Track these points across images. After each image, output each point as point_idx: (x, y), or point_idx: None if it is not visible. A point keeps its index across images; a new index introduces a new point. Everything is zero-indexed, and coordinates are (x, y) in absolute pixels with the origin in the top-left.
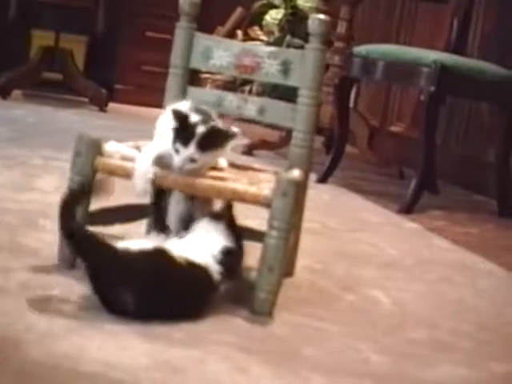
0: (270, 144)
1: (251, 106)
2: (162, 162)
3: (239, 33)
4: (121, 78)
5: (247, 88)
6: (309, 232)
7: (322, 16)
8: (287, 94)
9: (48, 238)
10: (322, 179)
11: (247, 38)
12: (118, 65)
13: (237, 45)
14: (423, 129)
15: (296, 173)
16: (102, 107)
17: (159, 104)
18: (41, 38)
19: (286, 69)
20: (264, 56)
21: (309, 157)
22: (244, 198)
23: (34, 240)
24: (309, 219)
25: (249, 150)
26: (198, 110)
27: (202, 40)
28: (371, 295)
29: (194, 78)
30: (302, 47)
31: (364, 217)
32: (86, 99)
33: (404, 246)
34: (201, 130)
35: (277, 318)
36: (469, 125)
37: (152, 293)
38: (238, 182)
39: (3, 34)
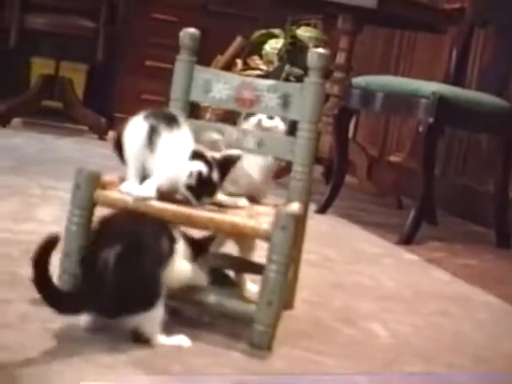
0: None
1: (250, 138)
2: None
3: (239, 62)
4: (120, 106)
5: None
6: (307, 263)
7: (321, 50)
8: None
9: None
10: (321, 210)
11: (247, 67)
12: (117, 93)
13: (236, 78)
14: (422, 160)
15: (295, 206)
16: (102, 136)
17: None
18: (41, 67)
19: (285, 102)
20: (263, 89)
21: (308, 189)
22: (243, 232)
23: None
24: (308, 250)
25: None
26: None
27: (202, 73)
28: (369, 328)
29: (194, 107)
30: (301, 77)
31: (363, 248)
32: (86, 127)
33: (402, 278)
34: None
35: (275, 352)
36: (467, 155)
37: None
38: (237, 215)
39: (3, 62)
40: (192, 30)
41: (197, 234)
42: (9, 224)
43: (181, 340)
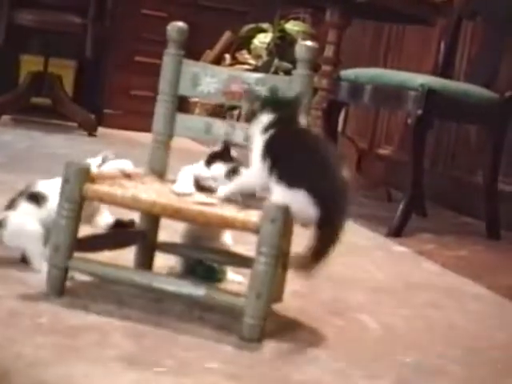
0: None
1: (239, 132)
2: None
3: (227, 57)
4: (109, 102)
5: (235, 112)
6: None
7: (309, 42)
8: None
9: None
10: None
11: (235, 61)
12: (106, 89)
13: (224, 71)
14: (411, 152)
15: None
16: (91, 132)
17: (148, 128)
18: (29, 64)
19: None
20: (252, 82)
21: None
22: (233, 225)
23: (21, 267)
24: (297, 243)
25: None
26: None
27: (190, 67)
28: (360, 320)
29: (183, 102)
30: (290, 71)
31: (352, 240)
32: (75, 124)
33: (393, 270)
34: None
35: (266, 344)
36: (456, 147)
37: None
38: (227, 209)
39: None
40: (180, 23)
41: None
42: None
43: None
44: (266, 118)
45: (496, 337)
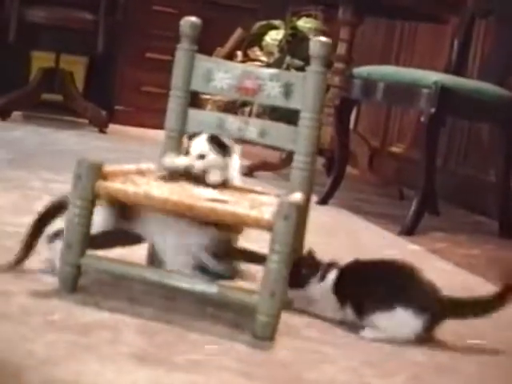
0: (271, 165)
1: (252, 128)
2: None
3: (239, 54)
4: (121, 99)
5: (247, 109)
6: None
7: (323, 38)
8: (287, 115)
9: None
10: (323, 201)
11: (247, 58)
12: (117, 86)
13: (238, 67)
14: (423, 150)
15: (297, 196)
16: (102, 128)
17: (159, 125)
18: (41, 60)
19: (287, 91)
20: (265, 78)
21: (310, 179)
22: (245, 222)
23: (34, 264)
24: (309, 242)
25: (249, 172)
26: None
27: (203, 62)
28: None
29: (194, 98)
30: (302, 68)
31: (365, 239)
32: (86, 120)
33: None
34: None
35: (278, 342)
36: (469, 145)
37: None
38: (240, 205)
39: (3, 56)
40: (193, 18)
41: None
42: (9, 217)
43: None
44: None
45: (508, 336)
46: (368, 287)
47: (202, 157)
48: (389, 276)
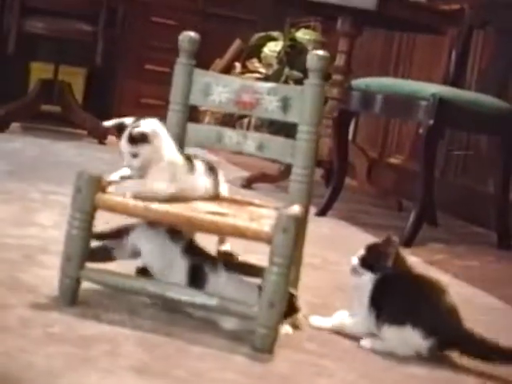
0: (270, 177)
1: (251, 142)
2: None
3: (237, 65)
4: (119, 110)
5: (245, 121)
6: (309, 266)
7: (320, 52)
8: (285, 128)
9: (48, 274)
10: (322, 212)
11: (246, 70)
12: (116, 97)
13: (236, 81)
14: (422, 162)
15: (296, 209)
16: (101, 140)
17: None
18: (39, 71)
19: (285, 105)
20: (263, 92)
21: (309, 192)
22: (245, 235)
23: (33, 276)
24: (308, 253)
25: (248, 184)
26: None
27: (201, 76)
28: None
29: (193, 110)
30: (300, 79)
31: None
32: (85, 132)
33: None
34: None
35: (277, 355)
36: (467, 157)
37: None
38: (239, 218)
39: (2, 67)
40: (191, 33)
41: None
42: (9, 229)
43: None
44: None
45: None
46: (390, 299)
47: (135, 155)
48: (412, 291)
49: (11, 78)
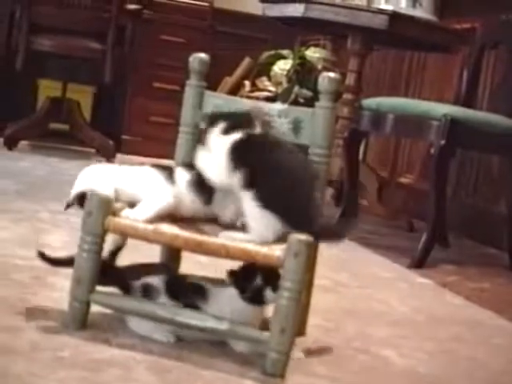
0: None
1: None
2: None
3: (247, 83)
4: (128, 128)
5: None
6: (319, 289)
7: (331, 74)
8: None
9: (57, 297)
10: None
11: (255, 88)
12: (125, 115)
13: (247, 103)
14: (433, 182)
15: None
16: (110, 158)
17: (167, 155)
18: (48, 89)
19: (296, 127)
20: (274, 114)
21: (320, 213)
22: (255, 259)
23: (43, 298)
24: (319, 275)
25: None
26: None
27: (212, 98)
28: (383, 354)
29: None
30: (310, 98)
31: (374, 272)
32: (93, 150)
33: (415, 303)
34: None
35: (289, 379)
36: (479, 177)
37: None
38: (249, 242)
39: (10, 84)
40: (201, 54)
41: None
42: (18, 250)
43: None
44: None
45: None
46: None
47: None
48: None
49: (19, 95)
